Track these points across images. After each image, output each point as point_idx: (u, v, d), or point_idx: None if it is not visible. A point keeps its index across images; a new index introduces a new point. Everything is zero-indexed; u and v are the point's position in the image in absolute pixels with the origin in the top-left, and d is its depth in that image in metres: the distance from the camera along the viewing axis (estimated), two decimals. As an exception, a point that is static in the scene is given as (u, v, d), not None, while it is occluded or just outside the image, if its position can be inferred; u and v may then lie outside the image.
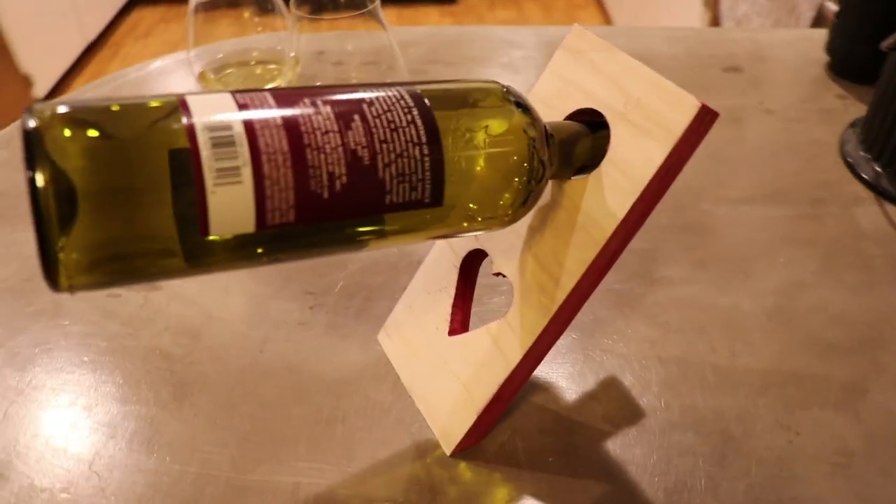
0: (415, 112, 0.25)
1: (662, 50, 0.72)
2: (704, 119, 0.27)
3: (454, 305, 0.36)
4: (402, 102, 0.25)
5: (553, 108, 0.33)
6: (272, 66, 0.62)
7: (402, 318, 0.39)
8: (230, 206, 0.21)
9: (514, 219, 0.28)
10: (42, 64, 2.11)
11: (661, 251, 0.47)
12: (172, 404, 0.37)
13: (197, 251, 0.22)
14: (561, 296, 0.30)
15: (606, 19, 2.64)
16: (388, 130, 0.24)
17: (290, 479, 0.33)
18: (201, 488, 0.33)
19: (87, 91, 0.68)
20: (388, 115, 0.24)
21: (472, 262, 0.36)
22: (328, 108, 0.23)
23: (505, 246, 0.34)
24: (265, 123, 0.22)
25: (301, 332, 0.41)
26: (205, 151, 0.21)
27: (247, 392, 0.37)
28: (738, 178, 0.54)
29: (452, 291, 0.36)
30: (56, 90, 2.18)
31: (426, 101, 0.25)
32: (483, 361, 0.33)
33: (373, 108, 0.24)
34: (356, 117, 0.24)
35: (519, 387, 0.33)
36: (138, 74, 0.70)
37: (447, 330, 0.36)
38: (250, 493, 0.32)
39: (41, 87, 2.10)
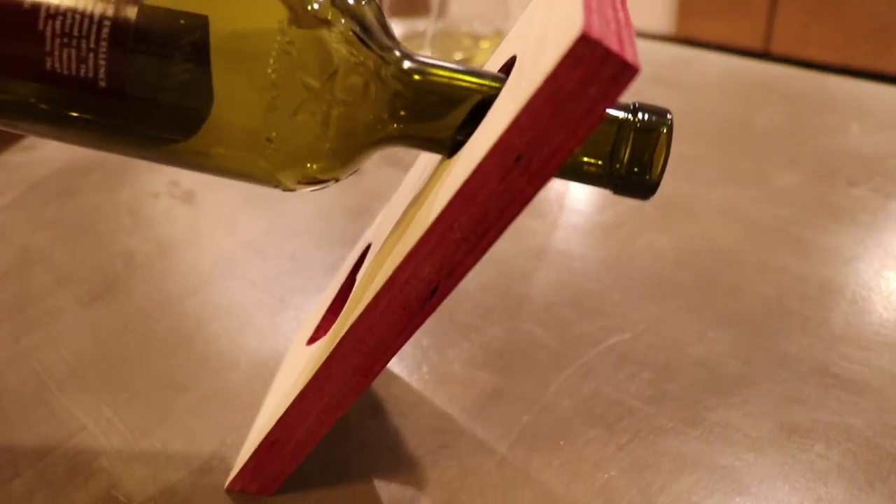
0: None
1: None
2: (588, 61, 0.14)
3: (329, 309, 0.26)
4: None
5: (499, 55, 0.21)
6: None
7: (315, 308, 0.30)
8: None
9: (295, 164, 0.19)
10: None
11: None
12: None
13: None
14: (350, 320, 0.19)
15: None
16: None
17: (80, 420, 0.28)
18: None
19: None
20: None
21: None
22: None
23: (379, 242, 0.23)
24: None
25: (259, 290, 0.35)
26: None
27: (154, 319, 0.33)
28: None
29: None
30: None
31: None
32: (289, 389, 0.23)
33: None
34: None
35: (306, 442, 0.22)
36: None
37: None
38: (43, 409, 0.28)
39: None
